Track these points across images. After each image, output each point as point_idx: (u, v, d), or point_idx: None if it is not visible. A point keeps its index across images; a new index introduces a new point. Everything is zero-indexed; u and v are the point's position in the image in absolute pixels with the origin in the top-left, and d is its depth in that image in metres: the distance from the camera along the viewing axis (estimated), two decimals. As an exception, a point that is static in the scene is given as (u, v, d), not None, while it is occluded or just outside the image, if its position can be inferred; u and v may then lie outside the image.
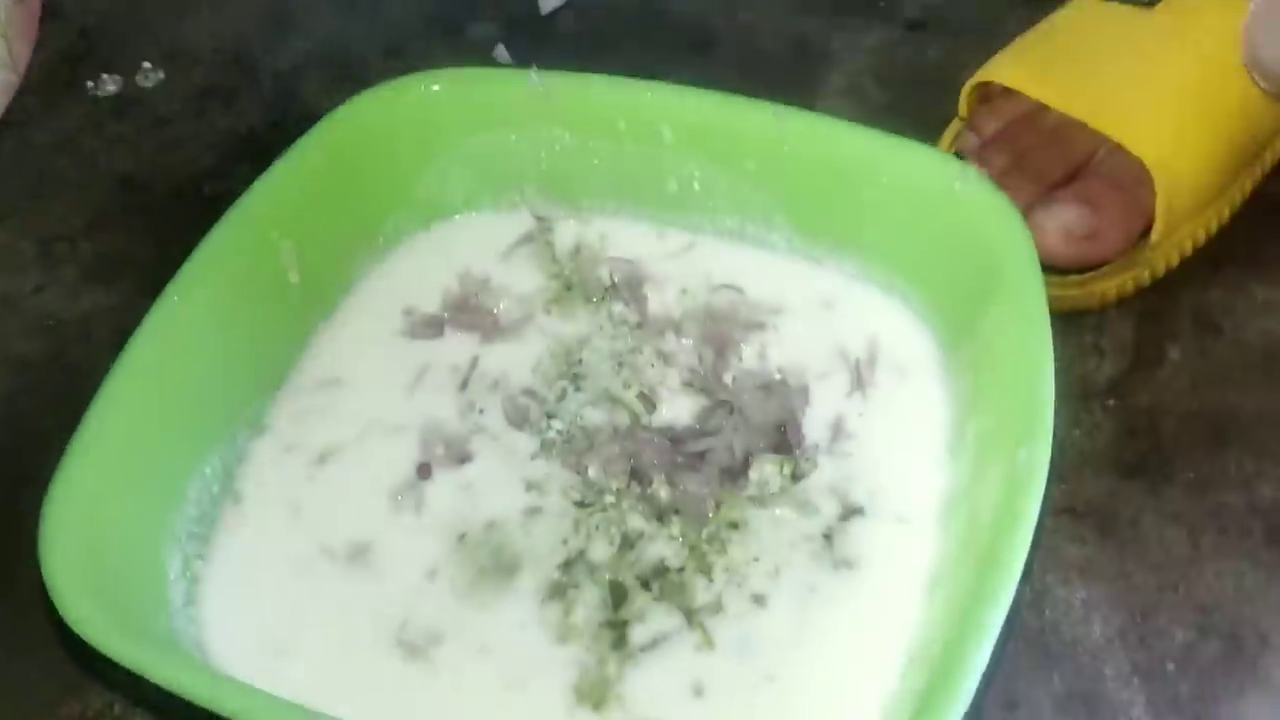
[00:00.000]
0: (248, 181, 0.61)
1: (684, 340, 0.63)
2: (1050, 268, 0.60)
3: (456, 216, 0.69)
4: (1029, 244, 0.56)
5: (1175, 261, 0.70)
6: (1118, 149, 0.66)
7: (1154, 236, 0.68)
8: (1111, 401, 0.67)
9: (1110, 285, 0.69)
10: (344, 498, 0.59)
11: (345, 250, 0.65)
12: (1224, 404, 0.67)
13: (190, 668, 0.48)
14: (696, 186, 0.65)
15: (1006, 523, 0.48)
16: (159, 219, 0.80)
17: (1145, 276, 0.69)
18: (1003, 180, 0.60)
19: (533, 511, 0.58)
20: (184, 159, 0.84)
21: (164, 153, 0.84)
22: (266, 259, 0.61)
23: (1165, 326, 0.70)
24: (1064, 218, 0.65)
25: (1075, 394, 0.67)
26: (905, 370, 0.61)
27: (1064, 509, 0.63)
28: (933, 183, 0.60)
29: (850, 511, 0.57)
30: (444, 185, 0.67)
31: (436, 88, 0.66)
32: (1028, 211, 0.63)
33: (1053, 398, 0.51)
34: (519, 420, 0.61)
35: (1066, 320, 0.67)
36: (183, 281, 0.57)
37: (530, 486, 0.59)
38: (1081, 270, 0.68)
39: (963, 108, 0.73)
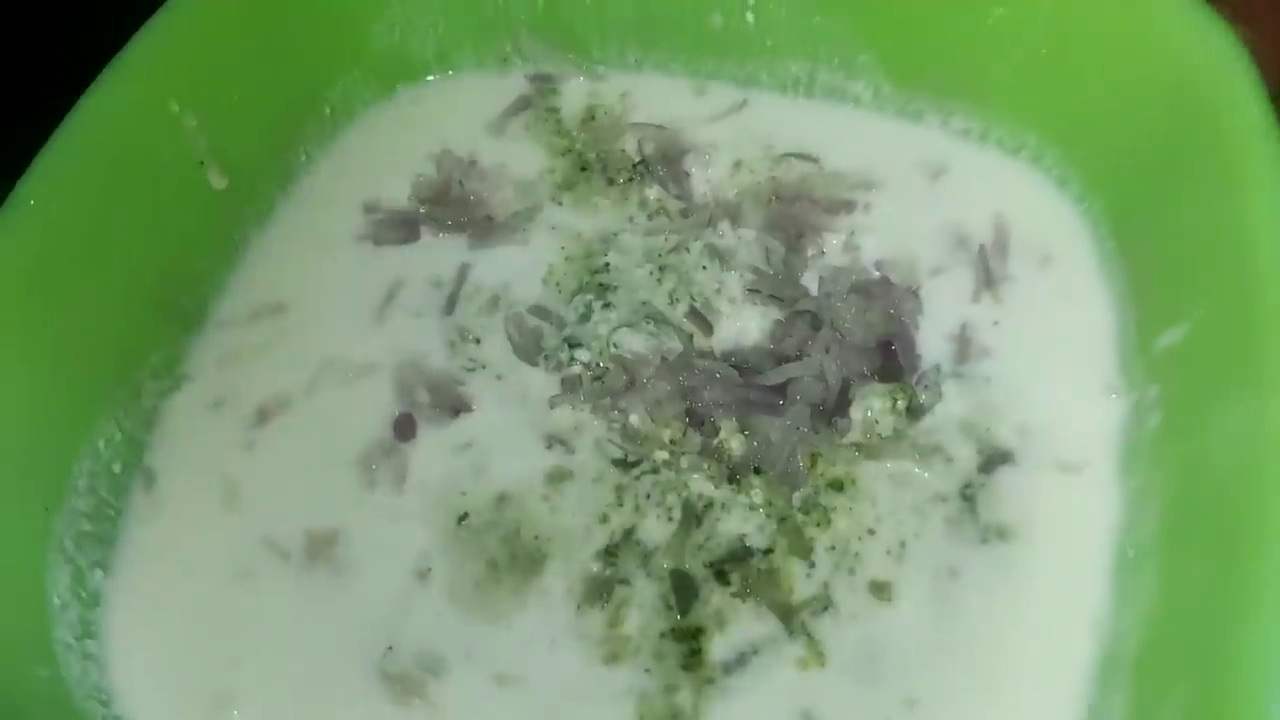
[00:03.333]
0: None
1: (743, 231, 0.47)
2: None
3: (428, 78, 0.52)
4: (1248, 75, 0.39)
5: None
6: None
7: None
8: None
9: None
10: (297, 471, 0.43)
11: (281, 128, 0.48)
12: None
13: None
14: (750, 19, 0.48)
15: (1271, 484, 0.33)
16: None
17: None
18: None
19: (558, 477, 0.42)
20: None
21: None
22: (164, 140, 0.44)
23: None
24: None
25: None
26: (1051, 259, 0.45)
27: None
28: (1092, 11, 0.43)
29: (994, 458, 0.42)
30: (408, 35, 0.50)
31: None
32: None
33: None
34: (530, 350, 0.45)
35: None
36: (40, 176, 0.40)
37: (552, 442, 0.43)
38: None
39: None
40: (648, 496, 0.42)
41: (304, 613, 0.40)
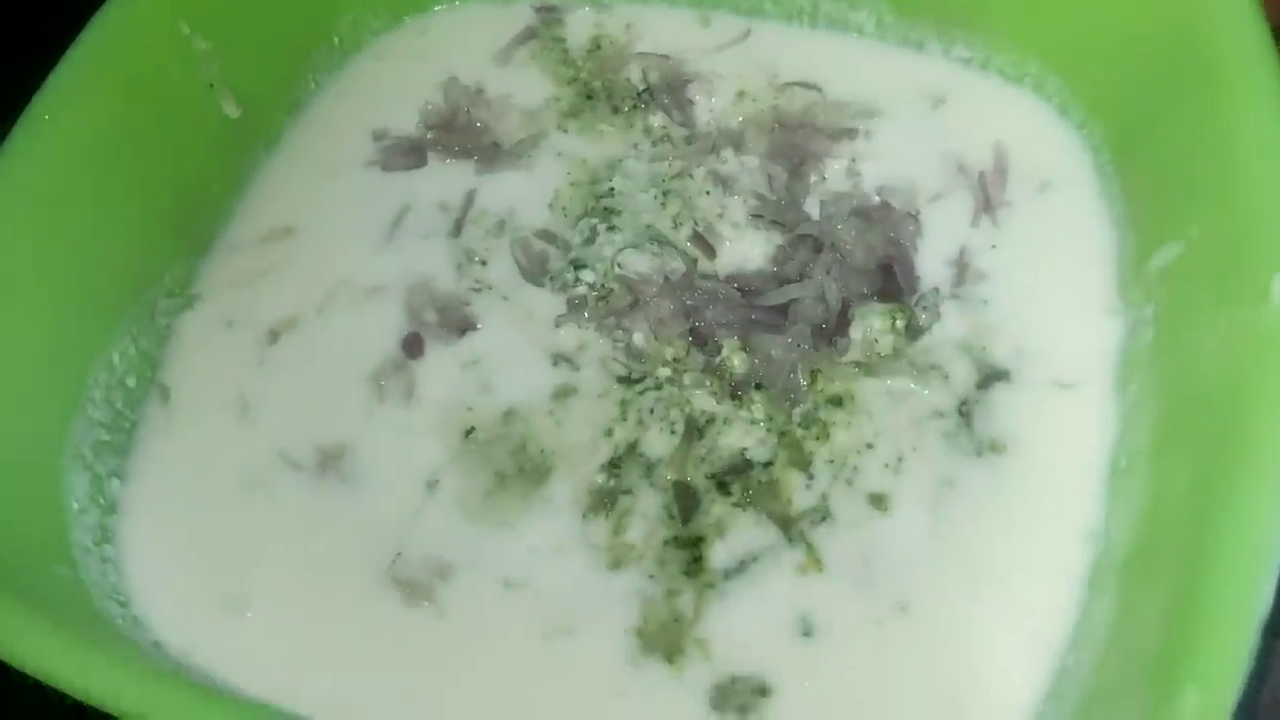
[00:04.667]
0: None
1: (746, 158, 0.48)
2: None
3: (435, 9, 0.52)
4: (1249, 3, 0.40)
5: None
6: None
7: None
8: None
9: None
10: (308, 387, 0.44)
11: (290, 56, 0.49)
12: None
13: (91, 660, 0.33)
14: (754, -50, 0.49)
15: (1256, 390, 0.34)
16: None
17: None
18: None
19: (564, 393, 0.43)
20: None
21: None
22: (175, 61, 0.44)
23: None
24: None
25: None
26: (1050, 185, 0.46)
27: None
28: None
29: (991, 376, 0.42)
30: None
31: None
32: None
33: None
34: (535, 271, 0.46)
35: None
36: (54, 91, 0.41)
37: (558, 360, 0.44)
38: None
39: None
40: (651, 411, 0.42)
41: (315, 521, 0.41)
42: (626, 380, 0.43)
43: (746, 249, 0.46)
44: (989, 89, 0.48)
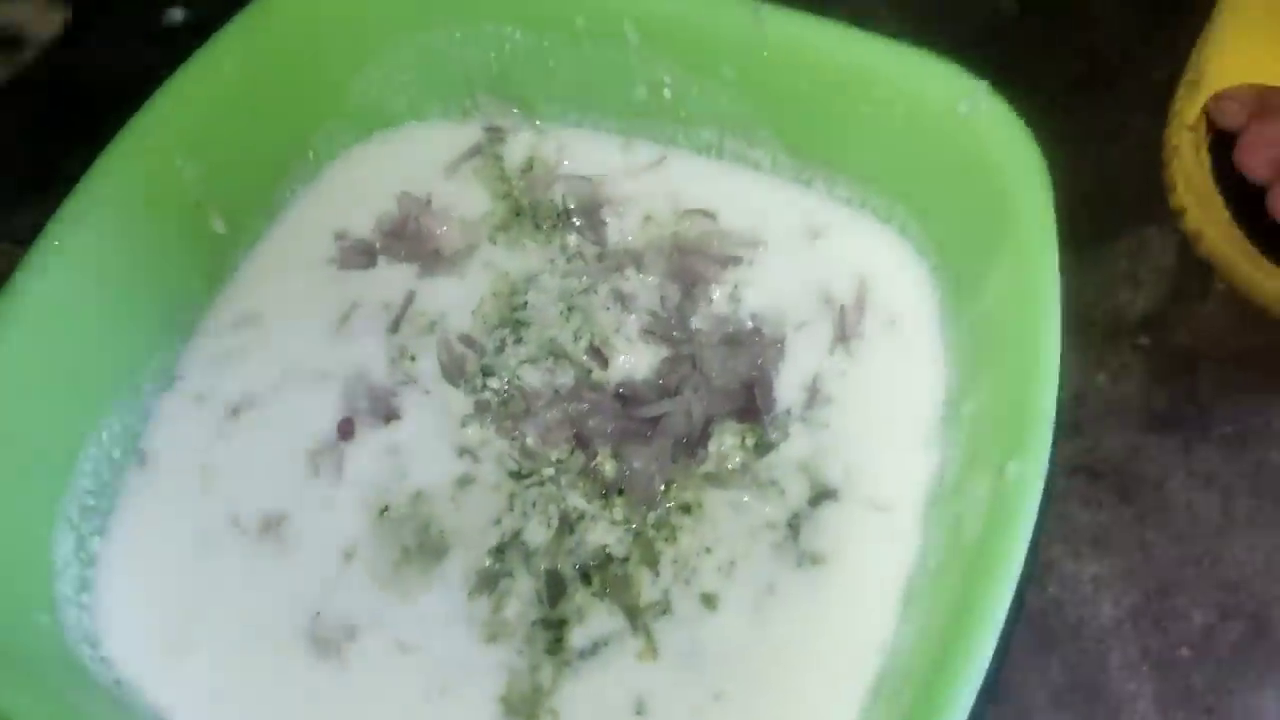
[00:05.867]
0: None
1: (646, 277, 0.55)
2: None
3: (400, 127, 0.60)
4: (1044, 184, 0.47)
5: None
6: None
7: None
8: (1144, 340, 0.58)
9: None
10: (258, 459, 0.53)
11: (270, 170, 0.57)
12: (1274, 344, 0.58)
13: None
14: (667, 94, 0.56)
15: (993, 543, 0.41)
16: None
17: None
18: None
19: (464, 482, 0.51)
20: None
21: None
22: (168, 189, 0.53)
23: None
24: None
25: (1104, 330, 0.58)
26: (897, 321, 0.53)
27: (1080, 468, 0.55)
28: (937, 99, 0.50)
29: (821, 494, 0.50)
30: (384, 90, 0.59)
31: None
32: None
33: (1053, 406, 0.43)
34: (454, 373, 0.54)
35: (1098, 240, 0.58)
36: (65, 220, 0.50)
37: (463, 452, 0.52)
38: None
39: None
40: (534, 505, 0.51)
41: (252, 580, 0.50)
42: (517, 475, 0.51)
43: (636, 361, 0.54)
44: (860, 225, 0.55)
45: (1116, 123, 0.63)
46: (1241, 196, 0.56)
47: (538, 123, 0.59)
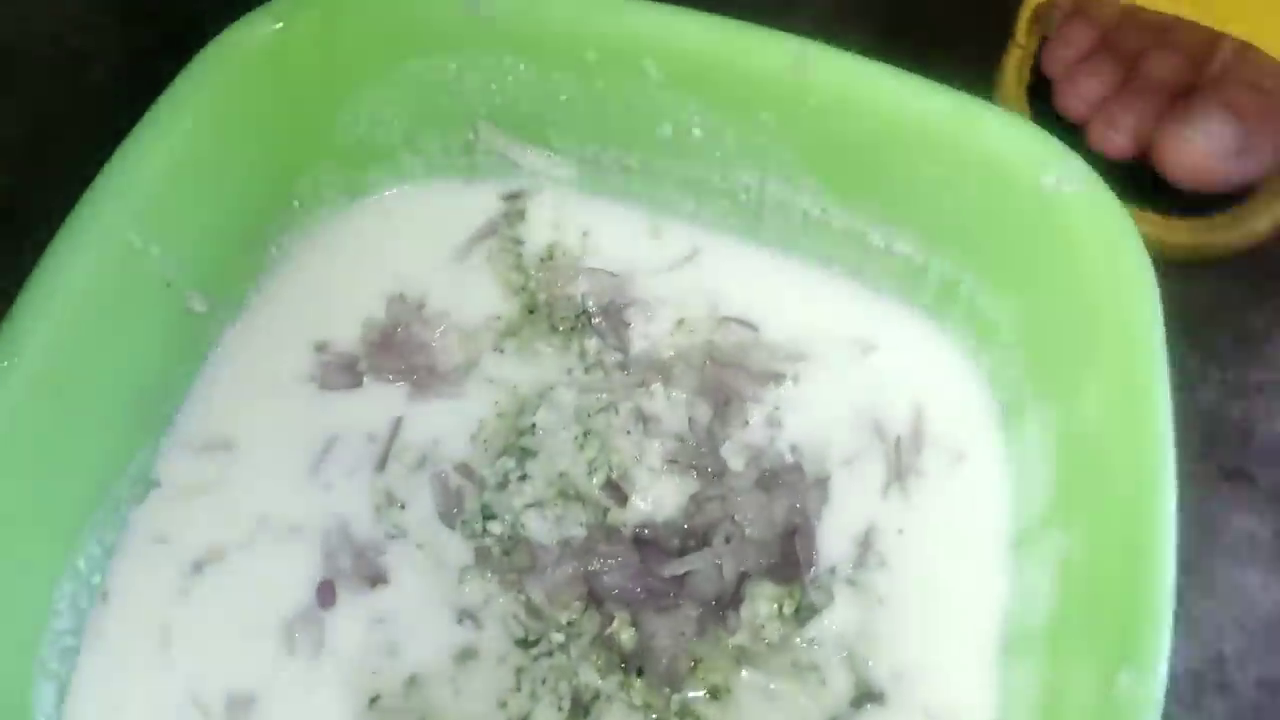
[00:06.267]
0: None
1: (673, 393, 0.47)
2: (1185, 206, 0.52)
3: (397, 190, 0.53)
4: (1148, 283, 0.39)
5: None
6: (1244, 49, 0.52)
7: None
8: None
9: (1264, 220, 0.53)
10: (225, 627, 0.45)
11: (252, 228, 0.50)
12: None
13: None
14: (697, 134, 0.48)
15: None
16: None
17: None
18: (1120, 99, 0.52)
19: (465, 657, 0.44)
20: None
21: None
22: (129, 269, 0.45)
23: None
24: (1209, 130, 0.50)
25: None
26: (964, 456, 0.45)
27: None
28: (1016, 167, 0.42)
29: (865, 696, 0.42)
30: (374, 125, 0.51)
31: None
32: (1159, 126, 0.51)
33: (1173, 582, 0.34)
34: (449, 514, 0.46)
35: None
36: (15, 321, 0.42)
37: (462, 617, 0.45)
38: (1224, 202, 0.53)
39: (1023, 29, 0.56)
40: (543, 682, 0.43)
41: (217, 781, 0.43)
42: (524, 642, 0.44)
43: (659, 496, 0.46)
44: (918, 335, 0.47)
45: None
46: None
47: (549, 154, 0.51)
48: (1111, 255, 0.40)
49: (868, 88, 0.44)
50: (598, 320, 0.49)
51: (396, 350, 0.49)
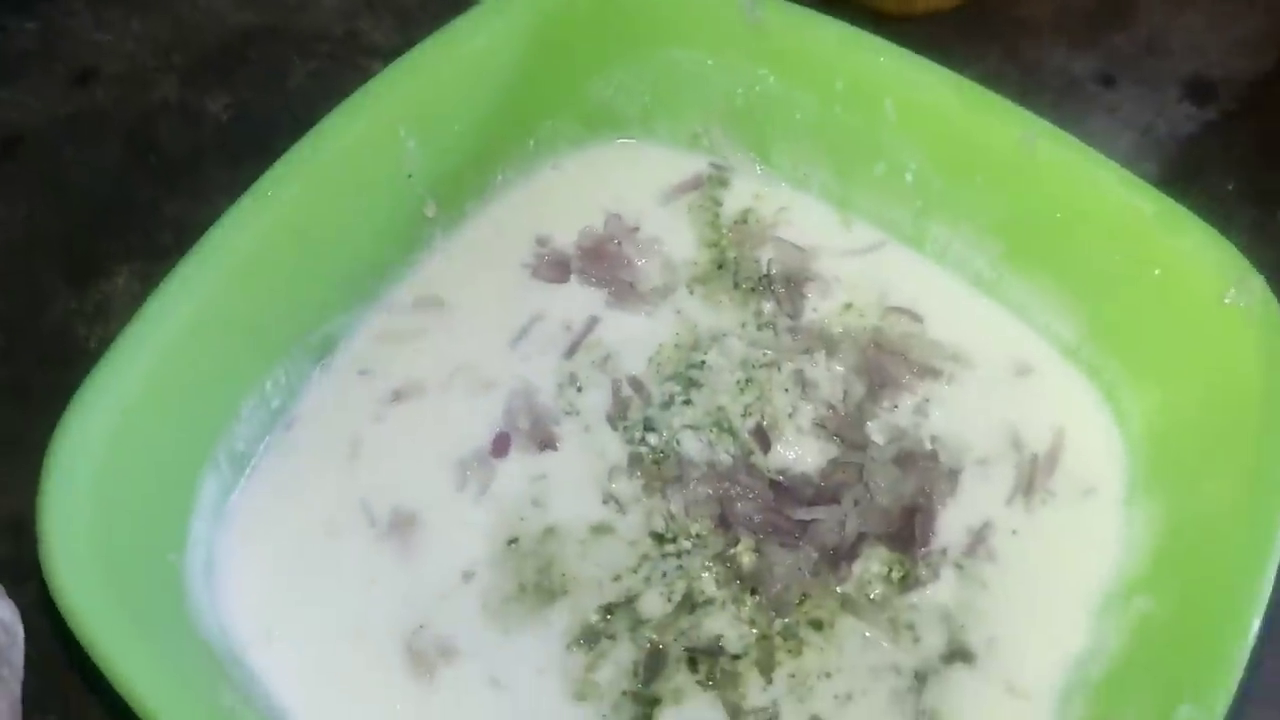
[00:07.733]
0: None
1: (834, 365, 0.53)
2: None
3: (626, 140, 0.58)
4: None
5: None
6: None
7: None
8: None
9: None
10: (408, 452, 0.52)
11: (490, 152, 0.56)
12: None
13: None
14: (909, 179, 0.53)
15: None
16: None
17: None
18: None
19: (601, 531, 0.50)
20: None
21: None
22: (385, 155, 0.52)
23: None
24: None
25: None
26: (1095, 490, 0.49)
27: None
28: (1201, 275, 0.47)
29: (956, 654, 0.47)
30: (620, 97, 0.57)
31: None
32: None
33: (1249, 647, 0.39)
34: (616, 415, 0.52)
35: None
36: (271, 178, 0.50)
37: (608, 499, 0.50)
38: None
39: None
40: (663, 575, 0.49)
41: (366, 576, 0.49)
42: (659, 538, 0.49)
43: (801, 453, 0.51)
44: (1072, 376, 0.51)
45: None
46: None
47: (759, 169, 0.56)
48: (1268, 366, 0.45)
49: (1087, 180, 0.49)
50: (777, 287, 0.54)
51: (607, 260, 0.55)
